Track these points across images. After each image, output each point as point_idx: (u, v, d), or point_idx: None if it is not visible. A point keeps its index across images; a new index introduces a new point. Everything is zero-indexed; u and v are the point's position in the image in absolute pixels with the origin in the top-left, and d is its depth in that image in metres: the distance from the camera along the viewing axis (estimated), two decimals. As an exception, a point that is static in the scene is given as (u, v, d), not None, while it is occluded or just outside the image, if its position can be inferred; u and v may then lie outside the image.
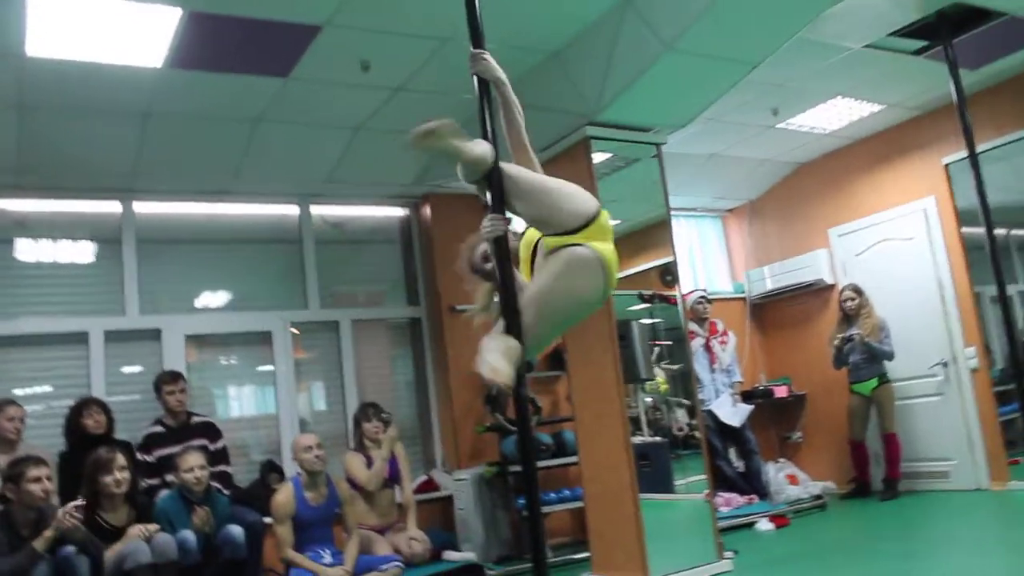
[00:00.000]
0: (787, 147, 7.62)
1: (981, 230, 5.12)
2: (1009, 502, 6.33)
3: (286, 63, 4.88)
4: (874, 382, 7.23)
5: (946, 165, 7.06)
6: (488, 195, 2.72)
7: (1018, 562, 4.62)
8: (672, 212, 5.79)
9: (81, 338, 5.82)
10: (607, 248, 2.68)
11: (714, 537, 5.23)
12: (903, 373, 7.29)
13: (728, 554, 5.27)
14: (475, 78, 2.96)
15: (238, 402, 6.62)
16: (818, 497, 7.21)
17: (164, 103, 5.10)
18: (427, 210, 7.11)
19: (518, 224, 2.89)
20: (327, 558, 5.14)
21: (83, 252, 6.13)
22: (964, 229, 6.99)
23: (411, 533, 5.62)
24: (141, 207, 6.18)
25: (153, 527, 4.52)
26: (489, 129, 2.98)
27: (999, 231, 5.68)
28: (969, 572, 4.54)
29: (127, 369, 6.01)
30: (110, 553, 4.36)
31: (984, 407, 6.91)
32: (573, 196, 2.80)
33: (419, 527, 5.72)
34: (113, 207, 6.10)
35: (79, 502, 4.21)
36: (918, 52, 5.89)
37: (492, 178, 2.71)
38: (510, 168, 2.80)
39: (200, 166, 5.95)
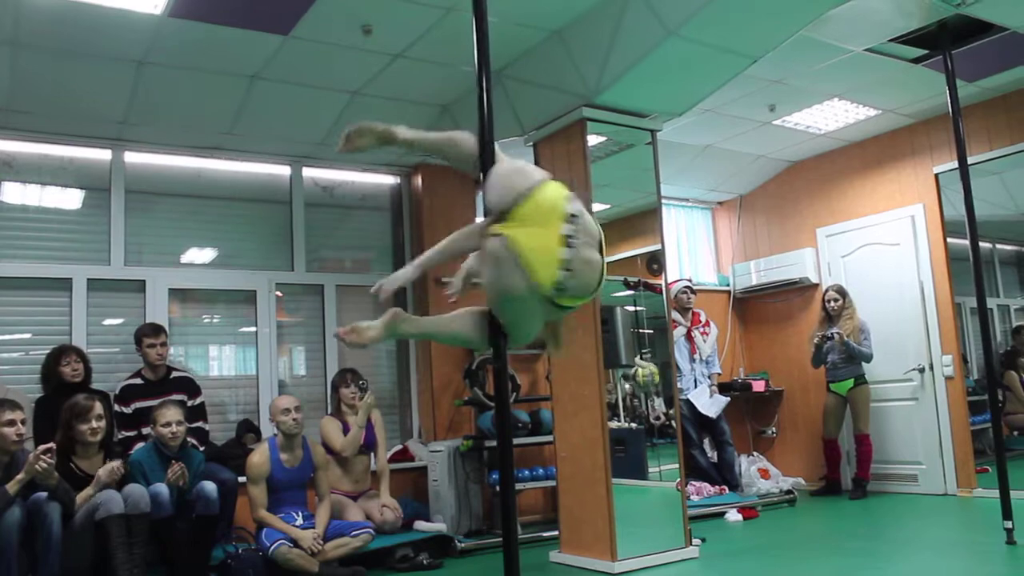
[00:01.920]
0: (781, 144, 7.64)
1: (966, 241, 5.16)
2: (974, 509, 6.42)
3: (288, 21, 4.84)
4: (851, 382, 7.31)
5: (937, 174, 7.11)
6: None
7: (976, 566, 4.71)
8: (663, 201, 5.81)
9: (64, 285, 5.80)
10: (527, 233, 2.32)
11: (683, 524, 5.28)
12: (880, 376, 7.36)
13: (696, 541, 5.33)
14: (476, 49, 2.91)
15: (218, 361, 6.61)
16: (788, 492, 7.29)
17: (161, 52, 5.05)
18: (418, 180, 7.11)
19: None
20: (299, 520, 5.15)
21: (70, 198, 6.09)
22: (950, 239, 7.05)
23: (384, 500, 5.65)
24: (132, 157, 6.16)
25: (117, 463, 4.53)
26: (486, 103, 2.98)
27: (984, 244, 5.74)
28: (930, 572, 4.63)
29: (108, 320, 5.99)
30: (82, 500, 4.37)
31: (956, 415, 7.00)
32: (509, 174, 2.48)
33: (392, 495, 5.75)
34: (103, 155, 6.07)
35: (50, 445, 4.20)
36: (917, 60, 5.92)
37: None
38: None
39: (193, 120, 5.91)
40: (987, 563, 4.68)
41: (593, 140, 5.36)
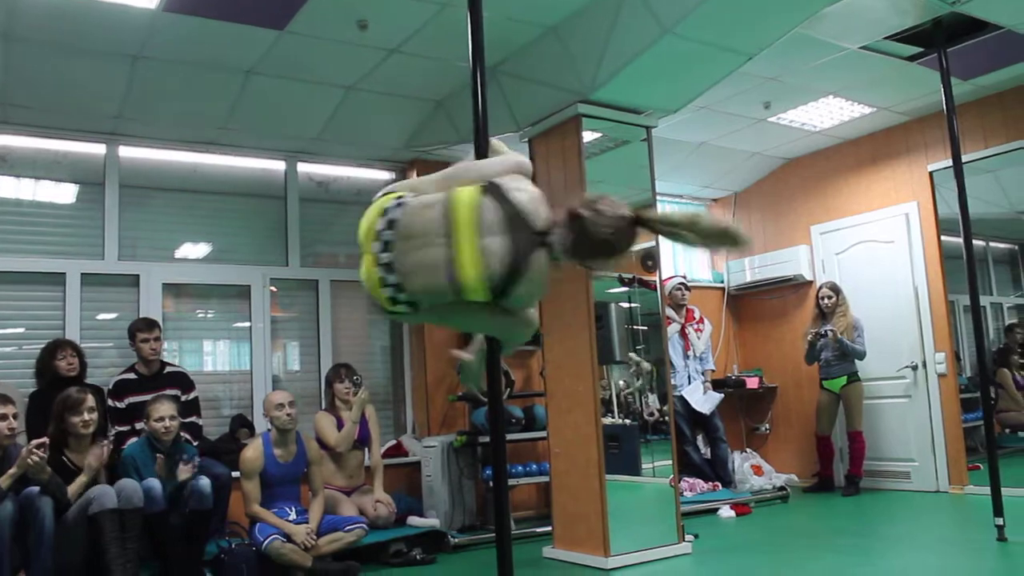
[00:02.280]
0: (776, 142, 7.65)
1: (960, 239, 5.17)
2: (965, 505, 6.44)
3: (283, 15, 4.83)
4: (844, 380, 7.32)
5: (931, 172, 7.12)
6: None
7: (967, 562, 4.73)
8: (658, 197, 5.81)
9: (58, 279, 5.79)
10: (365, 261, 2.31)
11: (676, 520, 5.29)
12: (873, 373, 7.38)
13: (689, 537, 5.35)
14: (471, 44, 2.91)
15: (212, 356, 6.60)
16: (781, 489, 7.32)
17: (156, 47, 5.04)
18: (414, 175, 7.10)
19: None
20: (292, 515, 5.15)
21: (64, 193, 6.07)
22: (944, 237, 7.07)
23: (377, 496, 5.65)
24: (126, 151, 6.14)
25: (103, 445, 4.55)
26: (481, 98, 2.98)
27: (978, 242, 5.77)
28: (920, 570, 4.65)
29: (102, 315, 5.98)
30: (75, 489, 4.37)
31: (949, 412, 7.02)
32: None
33: (386, 491, 5.76)
34: (97, 149, 6.05)
35: (43, 440, 4.20)
36: (912, 58, 5.93)
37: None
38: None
39: (189, 115, 5.90)
40: (978, 560, 4.70)
41: (588, 136, 5.36)
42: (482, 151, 2.93)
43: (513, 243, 2.16)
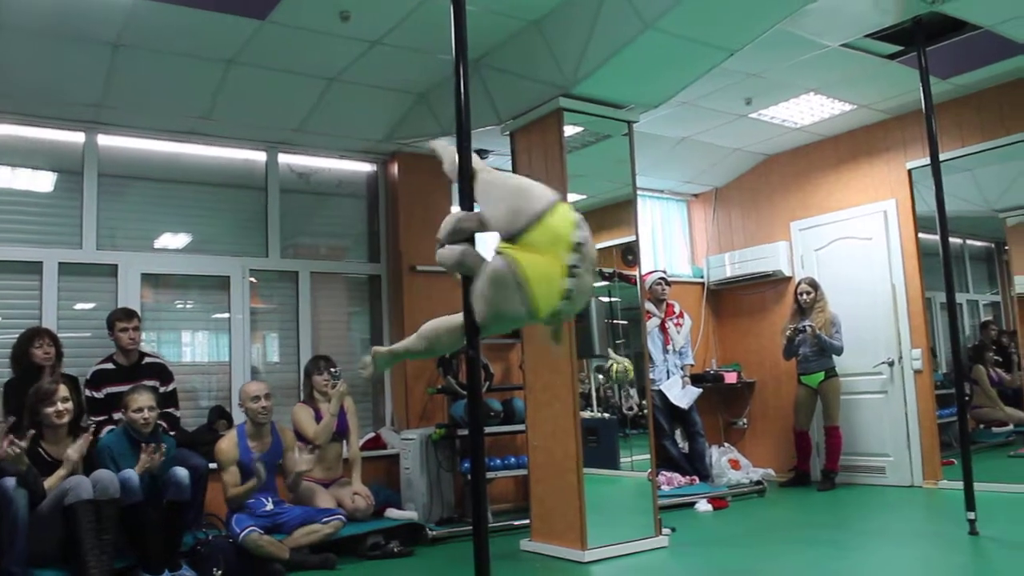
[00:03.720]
0: (757, 138, 7.69)
1: (937, 237, 5.22)
2: (938, 500, 6.52)
3: (264, 5, 4.80)
4: (821, 375, 7.38)
5: (910, 170, 7.18)
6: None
7: (939, 556, 4.80)
8: (638, 192, 5.82)
9: (35, 268, 5.73)
10: (533, 260, 2.33)
11: (654, 514, 5.32)
12: (850, 368, 7.45)
13: (666, 531, 5.38)
14: (453, 37, 2.91)
15: (191, 347, 6.57)
16: (758, 483, 7.37)
17: (136, 35, 5.00)
18: (395, 168, 7.10)
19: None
20: (268, 506, 5.16)
21: (43, 181, 6.01)
22: (921, 234, 7.13)
23: (355, 488, 5.65)
24: (105, 140, 6.08)
25: (84, 439, 4.52)
26: (463, 93, 2.98)
27: (955, 240, 5.82)
28: (894, 562, 4.72)
29: (80, 305, 5.94)
30: (53, 483, 4.34)
31: (924, 408, 7.09)
32: (518, 193, 2.49)
33: (364, 483, 5.76)
34: (76, 137, 5.99)
35: (30, 432, 4.19)
36: (892, 56, 5.97)
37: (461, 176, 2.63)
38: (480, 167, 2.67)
39: (169, 104, 5.86)
40: (950, 553, 4.76)
41: (570, 130, 5.37)
42: (464, 145, 2.93)
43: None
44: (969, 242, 7.61)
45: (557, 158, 5.26)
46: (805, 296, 7.46)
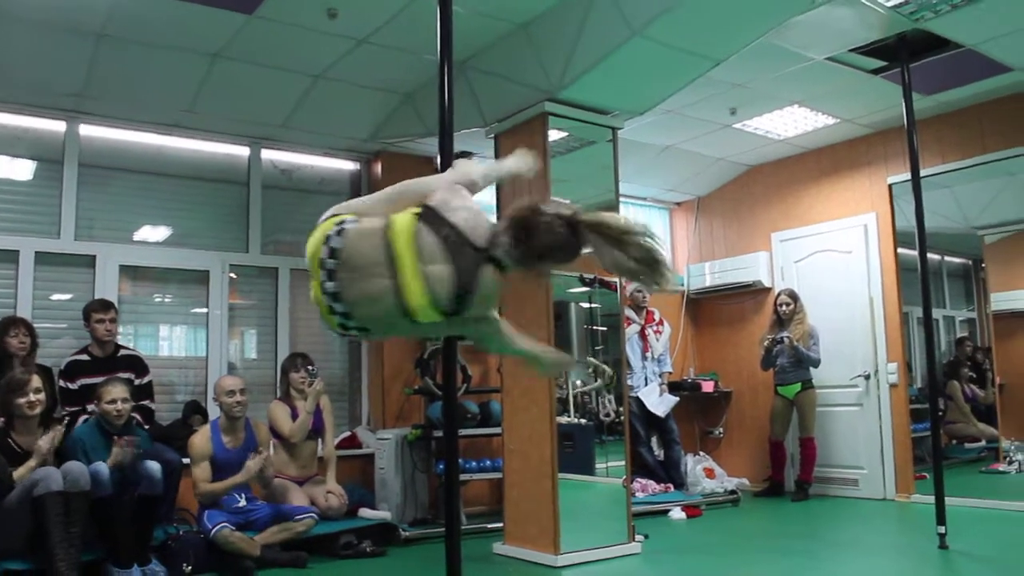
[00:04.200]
0: (741, 148, 7.72)
1: (916, 252, 5.26)
2: (910, 513, 6.56)
3: (252, 0, 4.78)
4: (798, 386, 7.42)
5: (890, 185, 7.23)
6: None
7: (909, 568, 4.85)
8: (621, 199, 5.83)
9: (11, 257, 5.68)
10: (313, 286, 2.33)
11: (627, 520, 5.33)
12: (827, 381, 7.49)
13: (639, 538, 5.39)
14: (439, 38, 2.91)
15: (168, 341, 6.52)
16: (732, 492, 7.39)
17: (121, 25, 4.96)
18: (378, 167, 7.08)
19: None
20: (242, 502, 5.13)
21: (21, 169, 5.96)
22: (900, 249, 7.18)
23: (329, 486, 5.62)
24: (87, 130, 6.03)
25: (56, 431, 4.47)
26: (447, 94, 2.98)
27: (932, 256, 5.87)
28: (865, 573, 4.77)
29: (56, 295, 5.88)
30: (21, 474, 4.30)
31: (899, 422, 7.14)
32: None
33: (338, 482, 5.73)
34: (58, 126, 5.94)
35: None
36: (876, 71, 6.02)
37: None
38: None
39: (153, 96, 5.82)
40: (920, 566, 4.80)
41: (554, 135, 5.38)
42: (447, 146, 2.93)
43: (457, 266, 2.18)
44: (947, 258, 7.68)
45: (540, 162, 5.25)
46: (784, 308, 7.49)
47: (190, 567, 4.81)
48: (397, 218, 2.26)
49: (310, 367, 5.81)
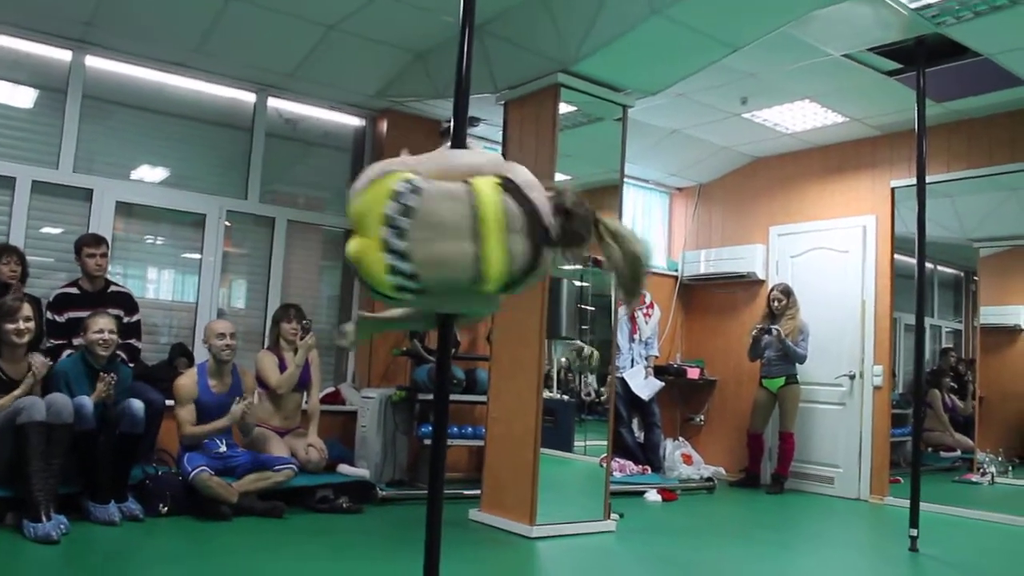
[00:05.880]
0: (747, 138, 7.70)
1: (911, 259, 5.26)
2: (882, 515, 6.62)
3: (273, -57, 4.72)
4: (782, 380, 7.44)
5: (893, 188, 7.23)
6: None
7: (878, 566, 4.93)
8: (624, 179, 5.81)
9: (7, 184, 5.62)
10: (357, 240, 2.25)
11: (604, 498, 5.35)
12: (812, 377, 7.52)
13: (614, 516, 5.41)
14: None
15: (157, 284, 6.48)
16: (708, 480, 7.44)
17: (137, -43, 4.90)
18: (383, 125, 7.03)
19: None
20: (222, 448, 5.13)
21: (23, 96, 5.88)
22: (896, 254, 7.19)
23: (310, 440, 5.63)
24: (93, 61, 5.96)
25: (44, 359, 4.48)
26: (465, 58, 2.94)
27: (927, 264, 5.88)
28: (834, 566, 4.82)
29: (50, 227, 5.83)
30: (5, 403, 4.28)
31: (880, 424, 7.18)
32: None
33: (319, 436, 5.73)
34: (63, 55, 5.86)
35: None
36: (891, 73, 5.99)
37: None
38: None
39: (162, 31, 5.73)
40: (889, 565, 4.86)
41: (563, 109, 5.34)
42: (462, 110, 2.89)
43: (532, 243, 2.26)
44: (940, 268, 7.70)
45: (549, 134, 5.23)
46: (777, 303, 7.50)
47: (166, 508, 4.81)
48: (483, 186, 2.25)
49: (305, 321, 5.79)
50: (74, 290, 5.31)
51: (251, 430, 5.37)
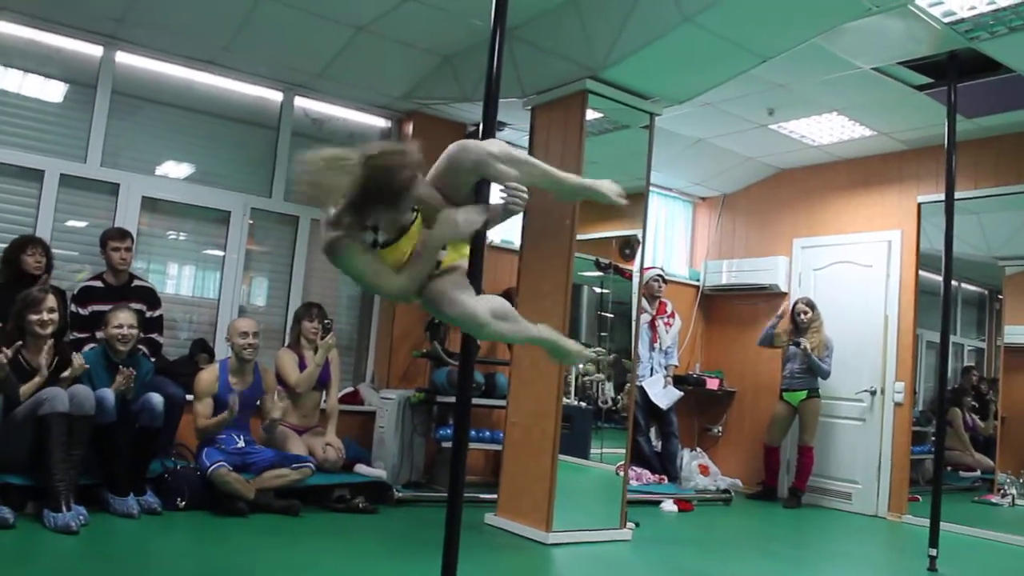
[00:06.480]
0: (773, 149, 7.66)
1: (935, 276, 5.20)
2: (900, 533, 6.55)
3: (306, -56, 4.74)
4: (804, 394, 7.38)
5: (920, 203, 7.16)
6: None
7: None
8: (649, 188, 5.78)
9: (36, 176, 5.67)
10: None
11: (621, 506, 5.33)
12: (832, 392, 7.46)
13: (630, 525, 5.39)
14: (493, 4, 2.86)
15: (178, 280, 6.50)
16: (725, 491, 7.39)
17: (171, -45, 4.93)
18: (409, 127, 7.05)
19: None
20: (240, 443, 5.13)
21: (54, 90, 5.93)
22: (921, 271, 7.13)
23: (328, 439, 5.64)
24: (123, 57, 6.01)
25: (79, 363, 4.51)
26: (495, 62, 2.94)
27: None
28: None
29: (76, 219, 5.88)
30: (27, 391, 4.31)
31: (900, 440, 7.11)
32: None
33: (337, 436, 5.74)
34: (94, 50, 5.91)
35: (17, 344, 4.18)
36: (921, 87, 5.94)
37: None
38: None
39: (192, 29, 5.77)
40: (908, 585, 4.81)
41: (590, 115, 5.32)
42: (491, 115, 2.89)
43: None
44: (964, 285, 7.62)
45: (575, 140, 5.22)
46: (802, 316, 7.44)
47: (184, 502, 4.84)
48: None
49: (326, 320, 5.81)
50: (98, 284, 5.34)
51: (275, 429, 5.39)
